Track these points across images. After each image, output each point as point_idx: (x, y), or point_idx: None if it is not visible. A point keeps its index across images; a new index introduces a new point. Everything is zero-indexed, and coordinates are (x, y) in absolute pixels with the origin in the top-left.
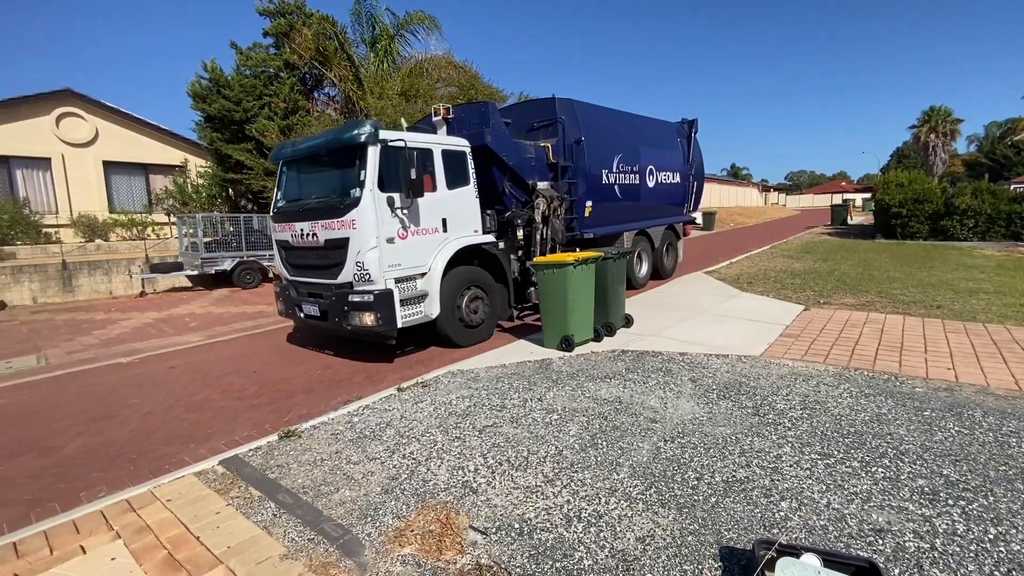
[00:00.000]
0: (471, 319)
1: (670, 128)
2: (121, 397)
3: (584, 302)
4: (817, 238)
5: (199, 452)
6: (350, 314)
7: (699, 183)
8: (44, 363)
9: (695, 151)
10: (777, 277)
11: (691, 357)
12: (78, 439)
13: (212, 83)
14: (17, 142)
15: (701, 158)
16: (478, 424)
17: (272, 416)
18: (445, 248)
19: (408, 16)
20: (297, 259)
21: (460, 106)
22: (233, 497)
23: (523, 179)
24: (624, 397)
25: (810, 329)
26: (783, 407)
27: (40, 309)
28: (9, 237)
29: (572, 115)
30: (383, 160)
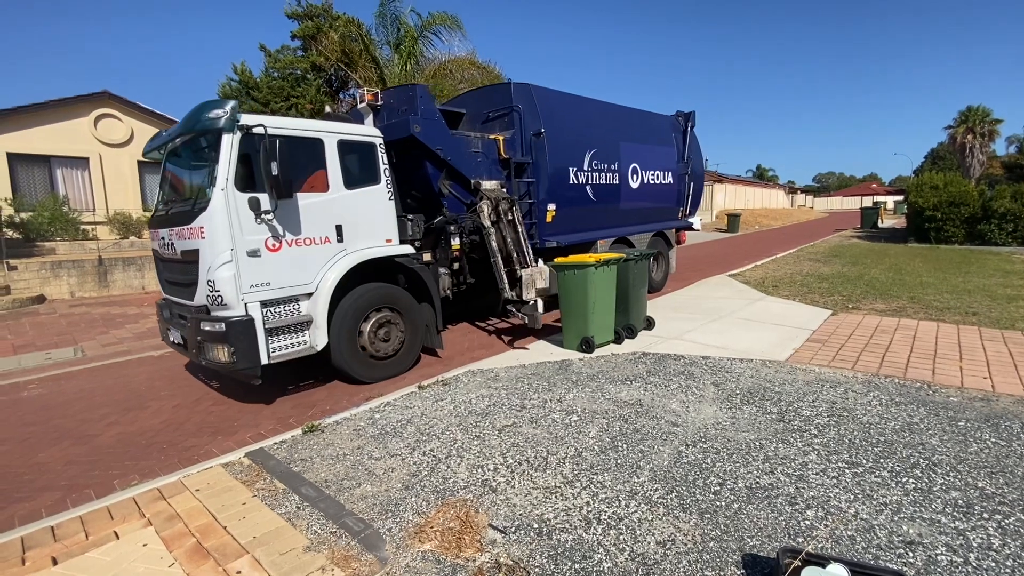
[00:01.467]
0: (378, 349)
1: (662, 121)
2: (153, 389)
3: (605, 303)
4: (846, 241)
5: (226, 444)
6: (204, 346)
7: (696, 184)
8: (81, 355)
9: (692, 148)
10: (804, 281)
11: (714, 361)
12: (113, 428)
13: (242, 85)
14: (58, 142)
15: (700, 156)
16: (498, 423)
17: (296, 411)
18: (339, 263)
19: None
20: (165, 273)
21: (389, 90)
22: (259, 489)
23: (465, 177)
24: (645, 400)
25: (838, 334)
26: (809, 414)
27: (77, 303)
28: (49, 233)
29: (530, 103)
30: (245, 151)
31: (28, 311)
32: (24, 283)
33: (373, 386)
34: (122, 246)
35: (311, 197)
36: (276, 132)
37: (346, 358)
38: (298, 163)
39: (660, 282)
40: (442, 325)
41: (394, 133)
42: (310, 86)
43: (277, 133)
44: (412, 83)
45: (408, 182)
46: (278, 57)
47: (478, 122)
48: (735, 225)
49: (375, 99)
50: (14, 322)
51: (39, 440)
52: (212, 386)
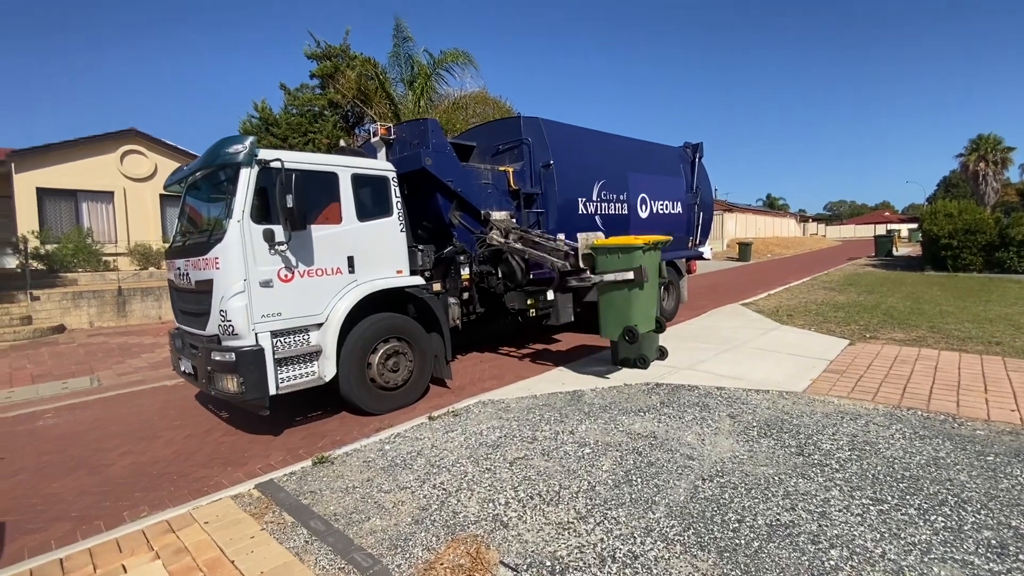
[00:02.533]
0: (387, 380)
1: (669, 153)
2: (166, 419)
3: (649, 289)
4: (860, 270)
5: (236, 475)
6: (214, 376)
7: (706, 214)
8: (97, 384)
9: (701, 178)
10: (819, 310)
11: (729, 392)
12: (125, 458)
13: (262, 121)
14: (85, 177)
15: (709, 186)
16: (509, 456)
17: (306, 442)
18: (350, 293)
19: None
20: (179, 302)
21: (402, 125)
22: (267, 522)
23: (475, 208)
24: (659, 432)
25: (856, 365)
26: (830, 447)
27: (96, 332)
28: (72, 264)
29: (539, 136)
30: (262, 185)
31: (48, 340)
32: (46, 313)
33: (383, 417)
34: (141, 276)
35: (324, 229)
36: (293, 166)
37: (354, 389)
38: (313, 196)
39: (672, 311)
40: (451, 355)
41: (406, 166)
42: (327, 122)
43: (293, 167)
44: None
45: (419, 213)
46: (297, 95)
47: (488, 154)
48: (747, 254)
49: (388, 133)
50: (34, 351)
51: (53, 469)
52: (222, 416)
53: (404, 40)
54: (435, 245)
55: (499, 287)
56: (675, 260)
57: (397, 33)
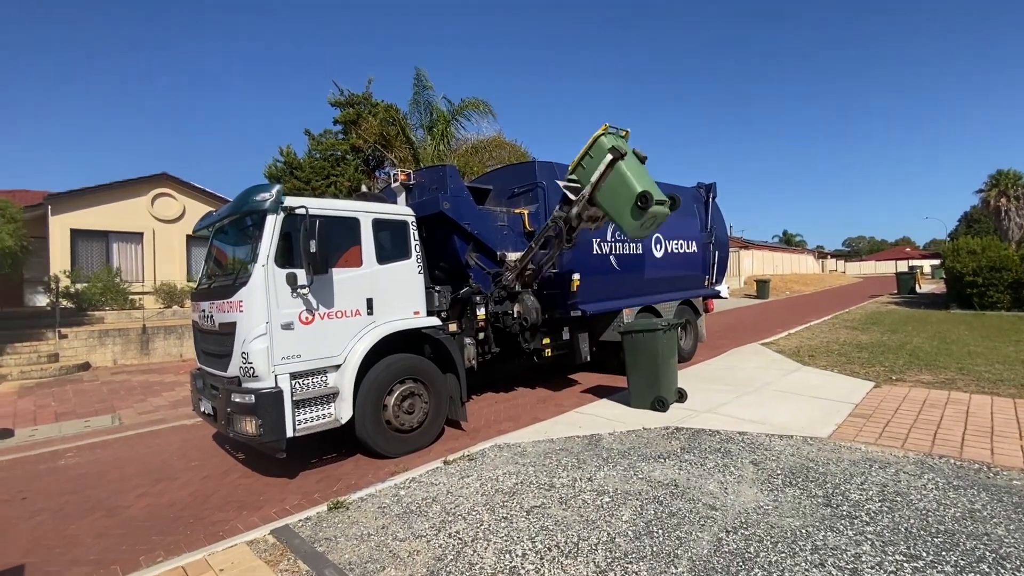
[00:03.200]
0: (402, 422)
1: (683, 193)
2: (184, 459)
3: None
4: (883, 308)
5: (251, 519)
6: (233, 417)
7: (721, 252)
8: (118, 423)
9: (715, 217)
10: (842, 350)
11: (751, 437)
12: (142, 500)
13: (286, 165)
14: (117, 219)
15: (724, 225)
16: (526, 504)
17: (321, 485)
18: (368, 334)
19: (463, 102)
20: (202, 343)
21: (421, 170)
22: (282, 570)
23: (492, 249)
24: (680, 480)
25: (883, 409)
26: (858, 498)
27: (119, 370)
28: (100, 303)
29: (553, 179)
30: (286, 230)
31: (73, 378)
32: (72, 351)
33: (398, 460)
34: (165, 315)
35: (345, 272)
36: (317, 212)
37: (370, 431)
38: (335, 240)
39: (690, 352)
40: (466, 396)
41: (425, 209)
42: (349, 165)
43: (318, 213)
44: (443, 163)
45: (437, 254)
46: (320, 140)
47: (504, 197)
48: (765, 291)
49: (408, 179)
50: (59, 389)
51: (72, 511)
52: (239, 457)
53: (424, 88)
54: (451, 286)
55: (514, 327)
56: (691, 299)
57: (418, 82)
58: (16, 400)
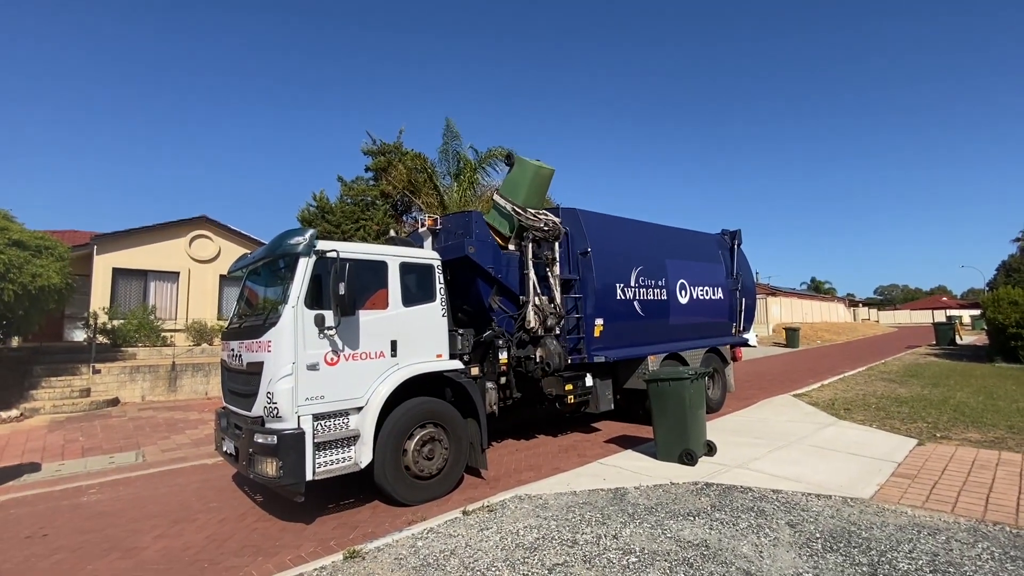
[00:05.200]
0: (422, 468)
1: (707, 240)
2: (202, 500)
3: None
4: (922, 359)
5: (266, 567)
6: (254, 458)
7: (748, 299)
8: (141, 459)
9: (741, 264)
10: (880, 404)
11: (787, 496)
12: (159, 542)
13: (318, 209)
14: (156, 259)
15: (750, 272)
16: (548, 561)
17: (338, 532)
18: (391, 376)
19: (490, 151)
20: (229, 383)
21: (448, 216)
22: None
23: (515, 293)
24: (711, 541)
25: (929, 468)
26: (907, 568)
27: (146, 406)
28: (134, 340)
29: (577, 225)
30: (317, 273)
31: (102, 413)
32: (104, 386)
33: (416, 508)
34: (194, 352)
35: (371, 314)
36: (347, 256)
37: (389, 477)
38: (363, 283)
39: (718, 402)
40: (487, 443)
41: (450, 254)
42: (378, 210)
43: (348, 257)
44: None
45: (460, 297)
46: (352, 186)
47: None
48: (794, 340)
49: (435, 224)
50: (87, 424)
51: (90, 550)
52: (257, 500)
53: (453, 138)
54: (474, 329)
55: (537, 371)
56: (719, 347)
57: (447, 131)
58: (46, 434)
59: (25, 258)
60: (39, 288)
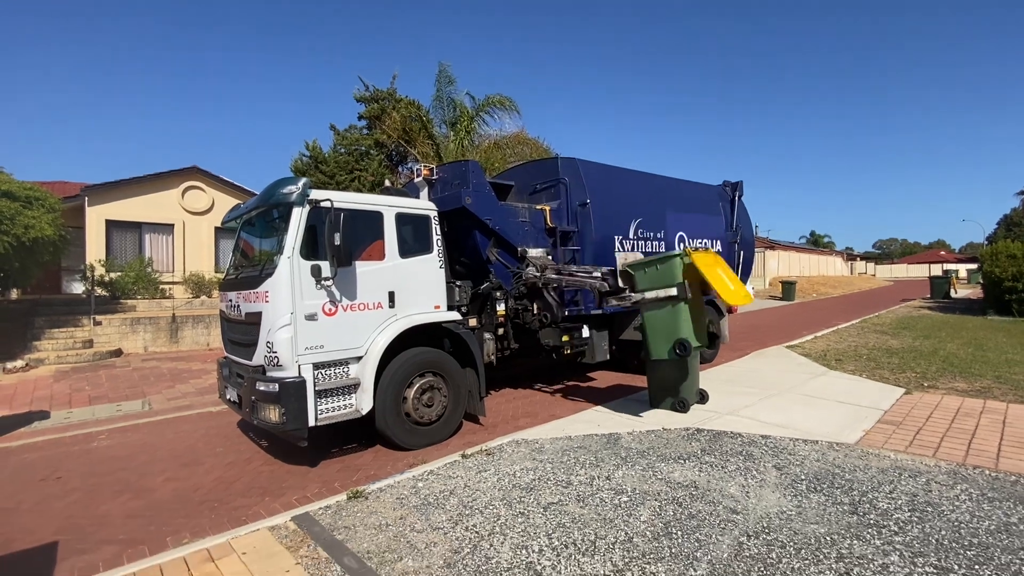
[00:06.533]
0: (422, 415)
1: (708, 191)
2: (209, 445)
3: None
4: (915, 312)
5: (273, 506)
6: (257, 405)
7: (747, 252)
8: (148, 408)
9: (741, 216)
10: (871, 355)
11: (774, 441)
12: (169, 484)
13: (312, 160)
14: (149, 210)
15: (750, 224)
16: (543, 500)
17: (342, 475)
18: (389, 327)
19: (487, 99)
20: (229, 333)
21: (444, 165)
22: (302, 556)
23: (512, 245)
24: (700, 482)
25: (914, 416)
26: (886, 507)
27: (149, 357)
28: (133, 292)
29: (576, 175)
30: (312, 223)
31: (106, 364)
32: (106, 337)
33: (417, 452)
34: (193, 304)
35: (368, 265)
36: (342, 206)
37: (390, 423)
38: (359, 234)
39: (711, 353)
40: (485, 391)
41: (447, 205)
42: (372, 160)
43: (343, 207)
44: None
45: (458, 249)
46: (345, 135)
47: (526, 193)
48: (790, 293)
49: (431, 174)
50: (92, 374)
51: (103, 491)
52: (262, 445)
53: (448, 83)
54: (472, 281)
55: (534, 323)
56: (715, 299)
57: (441, 77)
58: (52, 384)
59: (16, 209)
60: (32, 240)
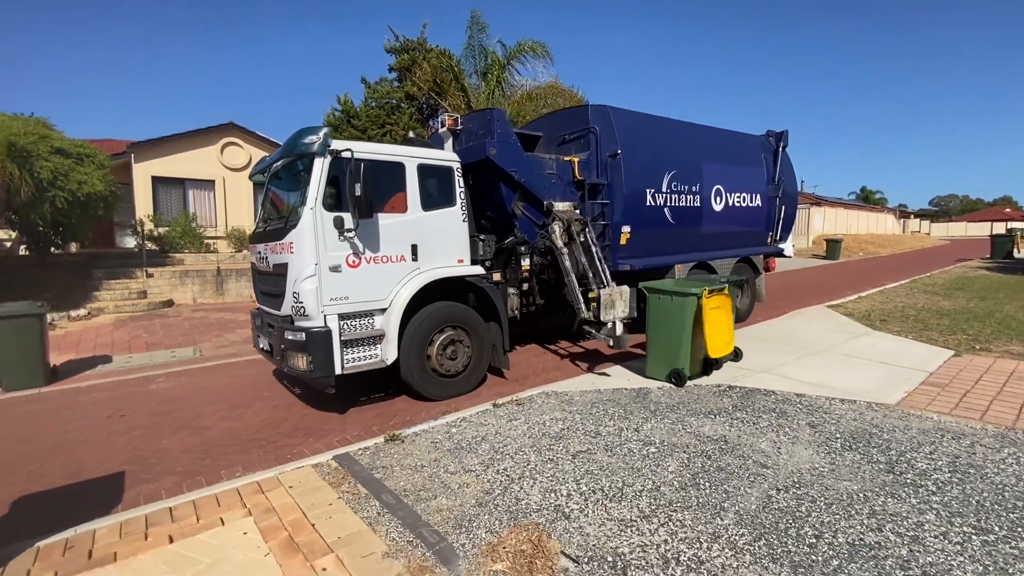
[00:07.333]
0: (447, 368)
1: (749, 142)
2: (256, 390)
3: (698, 333)
4: (972, 273)
5: (316, 446)
6: (286, 353)
7: (789, 207)
8: (199, 354)
9: (784, 169)
10: (919, 316)
11: (810, 400)
12: (222, 423)
13: (344, 114)
14: (191, 167)
15: (793, 177)
16: (571, 448)
17: (379, 419)
18: (412, 280)
19: (519, 45)
20: (260, 284)
21: (468, 115)
22: (343, 491)
23: (538, 199)
24: (730, 437)
25: (962, 379)
26: (925, 467)
27: (198, 307)
28: (180, 246)
29: (607, 124)
30: (334, 174)
31: (159, 313)
32: (158, 289)
33: (450, 401)
34: (236, 258)
35: (390, 217)
36: (361, 156)
37: (414, 374)
38: (380, 185)
39: (746, 311)
40: (508, 345)
41: (471, 156)
42: (403, 114)
43: (362, 157)
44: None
45: (483, 203)
46: (376, 88)
47: (554, 144)
48: (835, 251)
49: (455, 124)
50: (148, 322)
51: (163, 428)
52: (304, 391)
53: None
54: (497, 235)
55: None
56: (751, 256)
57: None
58: (112, 331)
59: (69, 166)
60: (86, 195)
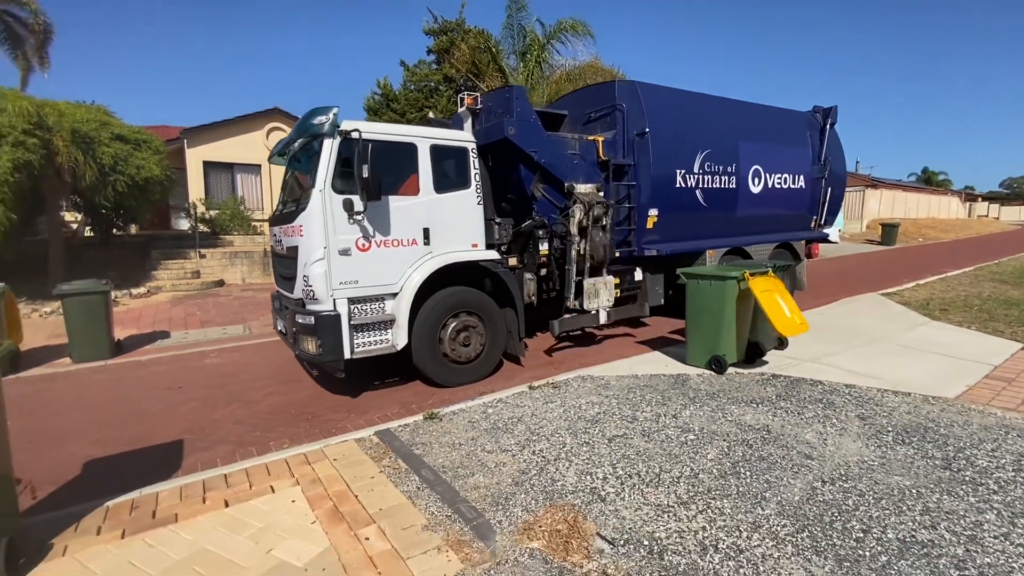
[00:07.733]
0: (459, 354)
1: (793, 118)
2: (299, 367)
3: (741, 319)
4: None
5: (358, 421)
6: (298, 336)
7: (836, 189)
8: (248, 332)
9: (832, 147)
10: (984, 306)
11: (860, 391)
12: (271, 397)
13: (383, 98)
14: (239, 152)
15: (842, 157)
16: (607, 432)
17: (418, 398)
18: (424, 264)
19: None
20: (277, 267)
21: (488, 93)
22: (385, 465)
23: (559, 180)
24: (774, 427)
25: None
26: (986, 465)
27: (247, 288)
28: (229, 228)
29: (635, 101)
30: (345, 155)
31: (211, 292)
32: (210, 269)
33: (486, 381)
34: None
35: (401, 200)
36: (371, 137)
37: (426, 360)
38: (391, 166)
39: None
40: (524, 332)
41: (490, 136)
42: (442, 96)
43: (371, 138)
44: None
45: (502, 185)
46: (415, 71)
47: (579, 123)
48: (891, 237)
49: (474, 103)
50: (201, 300)
51: (216, 400)
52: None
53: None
54: (517, 218)
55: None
56: (791, 242)
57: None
58: (170, 308)
59: (128, 151)
60: (144, 179)
